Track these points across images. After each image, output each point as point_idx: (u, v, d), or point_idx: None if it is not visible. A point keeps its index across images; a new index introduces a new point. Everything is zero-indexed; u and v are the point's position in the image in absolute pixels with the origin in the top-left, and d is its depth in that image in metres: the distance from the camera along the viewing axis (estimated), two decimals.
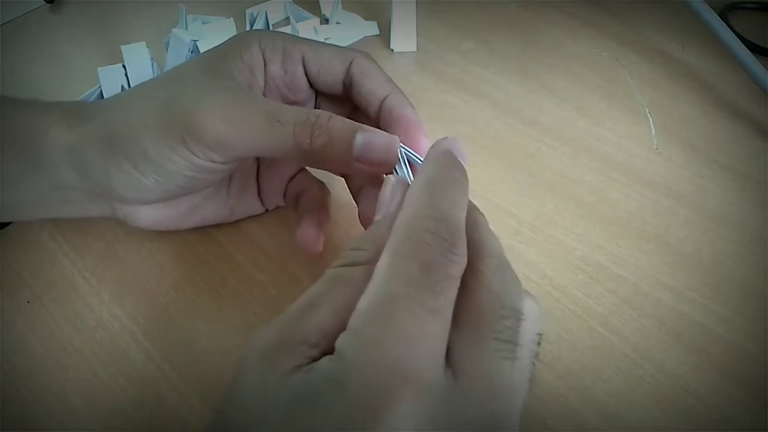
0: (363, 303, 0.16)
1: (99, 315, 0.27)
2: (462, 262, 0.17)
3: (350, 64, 0.26)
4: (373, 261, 0.17)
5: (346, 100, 0.27)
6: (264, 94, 0.26)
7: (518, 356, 0.16)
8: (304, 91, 0.27)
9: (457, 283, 0.16)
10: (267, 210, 0.30)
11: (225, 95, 0.22)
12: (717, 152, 0.33)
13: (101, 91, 0.37)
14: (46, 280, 0.28)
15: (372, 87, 0.25)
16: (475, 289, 0.17)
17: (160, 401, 0.24)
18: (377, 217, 0.20)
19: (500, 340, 0.16)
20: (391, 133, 0.23)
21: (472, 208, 0.19)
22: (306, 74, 0.26)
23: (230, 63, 0.24)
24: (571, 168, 0.33)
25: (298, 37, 0.27)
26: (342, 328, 0.16)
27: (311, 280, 0.27)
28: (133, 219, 0.26)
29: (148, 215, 0.26)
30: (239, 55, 0.25)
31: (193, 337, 0.26)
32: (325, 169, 0.27)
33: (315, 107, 0.28)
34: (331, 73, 0.26)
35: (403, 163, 0.22)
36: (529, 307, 0.17)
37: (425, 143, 0.24)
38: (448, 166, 0.19)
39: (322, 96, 0.28)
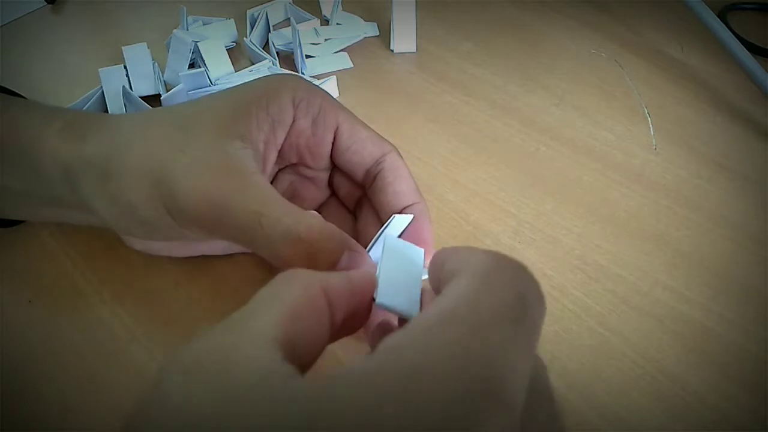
0: (429, 315, 0.13)
1: (100, 314, 0.27)
2: (545, 314, 0.15)
3: (382, 156, 0.24)
4: None
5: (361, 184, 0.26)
6: (280, 151, 0.24)
7: None
8: (324, 160, 0.25)
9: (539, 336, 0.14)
10: None
11: (223, 179, 0.20)
12: (716, 152, 0.33)
13: (102, 92, 0.37)
14: (48, 279, 0.28)
15: (401, 190, 0.24)
16: None
17: None
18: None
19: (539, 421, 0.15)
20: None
21: None
22: (332, 145, 0.25)
23: (251, 117, 0.22)
24: (570, 168, 0.33)
25: (334, 99, 0.25)
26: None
27: None
28: (126, 239, 0.26)
29: (140, 244, 0.26)
30: (266, 105, 0.23)
31: (194, 335, 0.26)
32: None
33: (329, 180, 0.27)
34: (360, 155, 0.24)
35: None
36: None
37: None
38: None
39: (338, 169, 0.26)
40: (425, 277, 0.20)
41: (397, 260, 0.19)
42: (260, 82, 0.24)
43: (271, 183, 0.25)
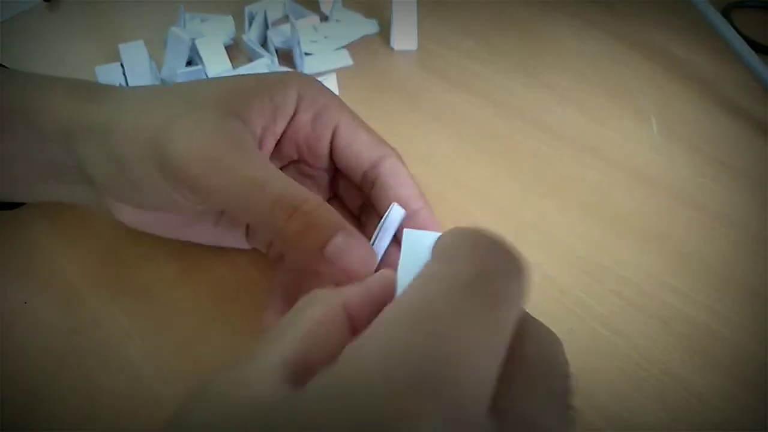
0: (386, 311, 0.13)
1: (96, 315, 0.26)
2: (524, 284, 0.14)
3: (380, 159, 0.24)
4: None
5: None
6: (279, 145, 0.24)
7: (573, 422, 0.13)
8: (323, 159, 0.25)
9: (518, 308, 0.13)
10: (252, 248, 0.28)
11: (221, 144, 0.20)
12: (719, 151, 0.33)
13: None
14: (43, 279, 0.28)
15: (402, 195, 0.23)
16: (523, 338, 0.14)
17: (157, 402, 0.23)
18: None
19: (554, 394, 0.13)
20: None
21: None
22: (331, 144, 0.24)
23: (254, 100, 0.22)
24: (573, 167, 0.32)
25: (340, 100, 0.25)
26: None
27: None
28: (116, 213, 0.25)
29: (130, 216, 0.25)
30: (270, 94, 0.23)
31: (191, 337, 0.25)
32: (292, 262, 0.24)
33: (330, 183, 0.26)
34: (357, 157, 0.24)
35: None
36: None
37: None
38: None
39: (341, 173, 0.26)
40: None
41: (415, 254, 0.19)
42: (271, 74, 0.25)
43: None
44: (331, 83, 0.37)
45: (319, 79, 0.36)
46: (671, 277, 0.27)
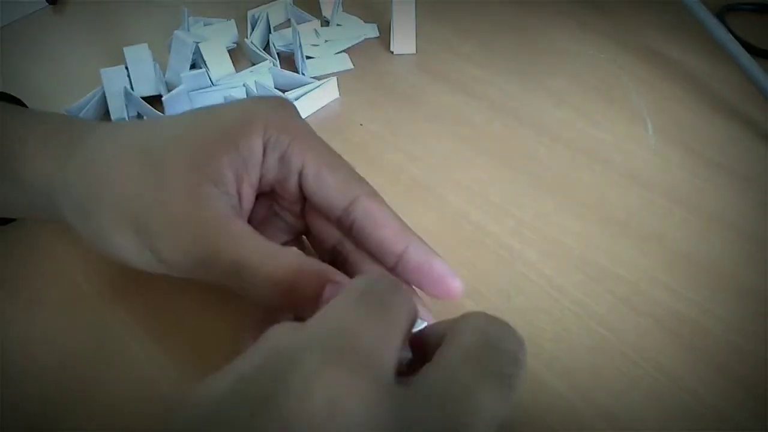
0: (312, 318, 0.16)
1: (101, 315, 0.27)
2: (408, 300, 0.17)
3: (351, 203, 0.22)
4: None
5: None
6: (259, 184, 0.23)
7: (508, 397, 0.15)
8: (295, 197, 0.24)
9: (406, 310, 0.17)
10: None
11: (198, 230, 0.21)
12: (714, 153, 0.33)
13: (104, 93, 0.37)
14: (48, 279, 0.28)
15: (386, 237, 0.22)
16: (461, 331, 0.17)
17: (162, 402, 0.24)
18: None
19: (484, 366, 0.15)
20: (422, 288, 0.22)
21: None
22: (300, 186, 0.23)
23: (222, 156, 0.22)
24: (570, 169, 0.33)
25: (307, 134, 0.23)
26: None
27: None
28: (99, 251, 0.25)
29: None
30: (235, 144, 0.22)
31: (196, 337, 0.26)
32: None
33: (302, 210, 0.25)
34: (327, 203, 0.23)
35: None
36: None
37: (460, 292, 0.23)
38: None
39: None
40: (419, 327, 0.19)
41: None
42: (232, 112, 0.23)
43: (252, 208, 0.24)
44: (331, 86, 0.37)
45: (320, 82, 0.37)
46: (666, 277, 0.27)
